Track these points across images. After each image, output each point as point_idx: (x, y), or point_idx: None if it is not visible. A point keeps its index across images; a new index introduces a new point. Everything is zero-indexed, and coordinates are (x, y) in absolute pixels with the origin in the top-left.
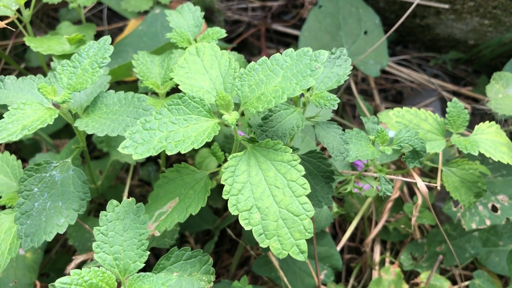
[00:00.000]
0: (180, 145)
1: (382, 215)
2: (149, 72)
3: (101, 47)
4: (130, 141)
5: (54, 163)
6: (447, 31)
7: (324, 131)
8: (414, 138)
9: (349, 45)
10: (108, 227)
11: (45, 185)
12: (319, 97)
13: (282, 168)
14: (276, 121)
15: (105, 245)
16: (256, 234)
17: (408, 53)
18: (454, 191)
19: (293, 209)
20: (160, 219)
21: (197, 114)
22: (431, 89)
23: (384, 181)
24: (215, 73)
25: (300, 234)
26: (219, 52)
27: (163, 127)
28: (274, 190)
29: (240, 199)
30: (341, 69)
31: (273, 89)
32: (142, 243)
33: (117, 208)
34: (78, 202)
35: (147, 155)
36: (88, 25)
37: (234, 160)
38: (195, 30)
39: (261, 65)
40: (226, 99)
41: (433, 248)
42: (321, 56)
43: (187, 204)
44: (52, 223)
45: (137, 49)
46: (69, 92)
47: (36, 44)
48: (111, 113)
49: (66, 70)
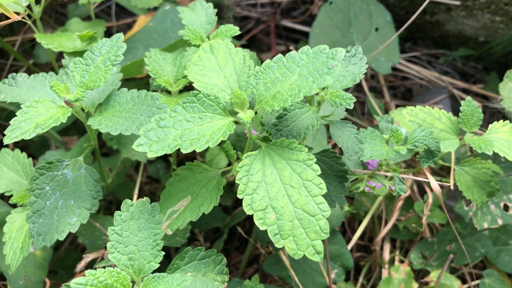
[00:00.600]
0: (195, 143)
1: (392, 214)
2: (162, 70)
3: (114, 44)
4: (144, 139)
5: (66, 162)
6: (458, 28)
7: (339, 130)
8: (428, 137)
9: (360, 42)
10: (123, 227)
11: (57, 183)
12: (335, 96)
13: (298, 167)
14: (291, 120)
15: (120, 245)
16: (271, 234)
17: (418, 50)
18: (466, 191)
19: (308, 209)
20: (172, 217)
21: (212, 112)
22: (441, 86)
23: (398, 181)
24: (230, 71)
25: (316, 234)
26: (234, 49)
27: (177, 125)
28: (289, 189)
29: (255, 198)
30: (356, 67)
31: (289, 87)
32: (157, 243)
33: (132, 208)
34: (90, 201)
35: (162, 153)
36: (97, 22)
37: (248, 159)
38: (207, 27)
39: (276, 62)
40: (241, 97)
41: (443, 247)
42: (338, 54)
43: (199, 202)
44: (64, 221)
45: (147, 46)
46: (82, 90)
47: (47, 41)
48: (125, 112)
49: (79, 67)
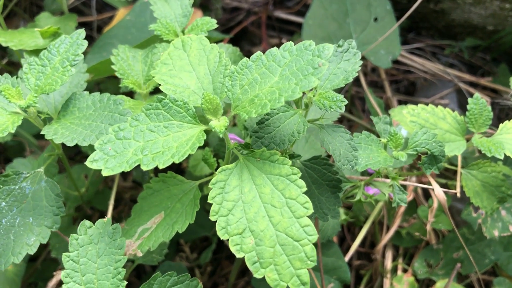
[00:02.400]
0: (158, 158)
1: (394, 220)
2: (130, 69)
3: (73, 42)
4: (100, 153)
5: (24, 174)
6: (464, 17)
7: (330, 136)
8: (431, 141)
9: (358, 33)
10: (80, 253)
11: (13, 198)
12: (324, 97)
13: (280, 183)
14: (273, 126)
15: (76, 274)
16: (249, 262)
17: (421, 41)
18: (475, 197)
19: (292, 233)
20: (143, 236)
21: (179, 120)
22: (447, 79)
23: (398, 190)
24: (203, 71)
25: (301, 262)
26: (208, 46)
27: (139, 136)
28: (270, 210)
29: (230, 220)
30: (350, 64)
31: (269, 91)
32: (119, 271)
33: (90, 230)
34: (51, 218)
35: (119, 170)
36: (69, 16)
37: (223, 173)
38: (183, 20)
39: (255, 61)
40: (214, 102)
41: (449, 254)
42: (325, 51)
43: (173, 219)
44: (21, 242)
45: (124, 42)
46: (35, 95)
47: (6, 38)
48: (84, 118)
49: (34, 69)
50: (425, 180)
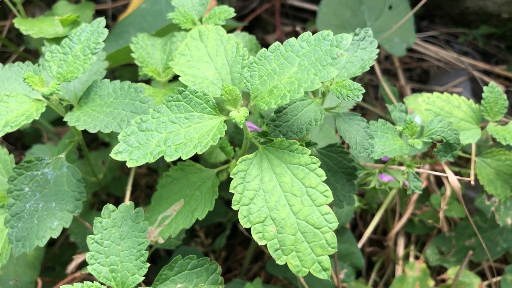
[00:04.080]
0: (181, 149)
1: (407, 207)
2: (149, 57)
3: (94, 30)
4: (124, 145)
5: (46, 160)
6: (479, 4)
7: (346, 124)
8: (447, 129)
9: (372, 21)
10: (104, 235)
11: (36, 184)
12: (341, 86)
13: (300, 172)
14: (291, 115)
15: (100, 256)
16: (271, 249)
17: (435, 29)
18: (488, 185)
19: (313, 221)
20: (164, 223)
21: (200, 112)
22: (460, 68)
23: (413, 178)
24: (221, 61)
25: (322, 249)
26: (225, 36)
27: (161, 128)
28: (291, 198)
29: (252, 209)
30: (366, 52)
31: (288, 81)
32: (142, 253)
33: (114, 214)
34: (73, 203)
35: (144, 161)
36: (86, 4)
37: (244, 163)
38: (200, 8)
39: (273, 52)
40: (233, 93)
41: (462, 242)
42: (343, 41)
43: (193, 207)
44: (45, 226)
45: (140, 30)
46: (58, 83)
47: (26, 27)
48: (105, 106)
49: (56, 57)
50: (438, 168)
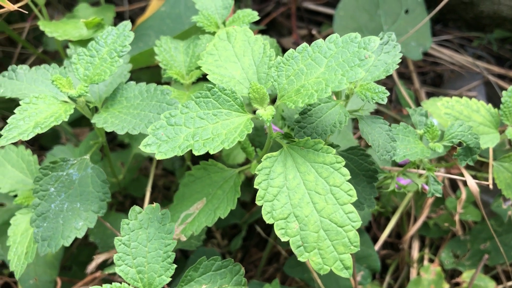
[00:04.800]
0: (208, 143)
1: (422, 210)
2: (173, 60)
3: (120, 33)
4: (153, 138)
5: (71, 161)
6: (493, 8)
7: (369, 127)
8: (467, 133)
9: (389, 25)
10: (131, 237)
11: (62, 184)
12: (366, 89)
13: (324, 171)
14: (315, 116)
15: (128, 257)
16: (294, 246)
17: (449, 33)
18: (506, 189)
19: (336, 219)
20: (186, 221)
21: (227, 109)
22: (474, 71)
23: (433, 181)
24: (248, 61)
25: (344, 247)
26: (253, 37)
27: (189, 123)
28: (314, 196)
29: (275, 205)
30: (389, 56)
31: (315, 81)
32: (168, 254)
33: (140, 216)
34: (97, 203)
35: (172, 154)
36: (107, 7)
37: (268, 161)
38: (223, 12)
39: (301, 52)
40: (261, 91)
41: (476, 246)
42: (371, 43)
43: (215, 205)
44: (70, 226)
45: (159, 33)
46: (86, 85)
47: (51, 29)
48: (132, 108)
49: (83, 59)
50: (453, 171)
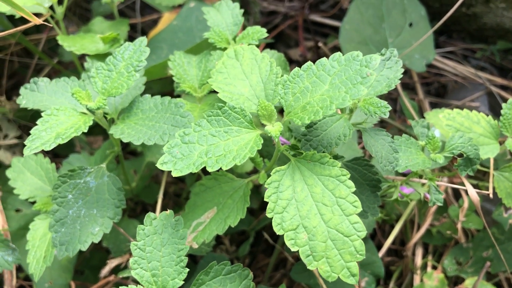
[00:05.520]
0: (221, 160)
1: (425, 218)
2: (186, 74)
3: (136, 49)
4: (169, 156)
5: (88, 169)
6: (496, 20)
7: (372, 139)
8: (467, 144)
9: (393, 38)
10: (146, 242)
11: (79, 192)
12: (369, 103)
13: (330, 183)
14: (321, 130)
15: (143, 261)
16: (303, 255)
17: (453, 44)
18: (507, 198)
19: (343, 229)
20: (197, 229)
21: (238, 126)
22: (478, 82)
23: (434, 190)
24: (256, 79)
25: (351, 256)
26: (259, 55)
27: (202, 140)
28: (321, 208)
29: (285, 217)
30: (392, 71)
31: (320, 98)
32: (181, 259)
33: (155, 222)
34: (113, 210)
35: (187, 171)
36: (121, 21)
37: (277, 174)
38: (234, 28)
39: (306, 71)
40: (269, 108)
41: (479, 253)
42: (372, 61)
43: (225, 214)
44: (86, 231)
45: (171, 46)
46: (104, 98)
47: (69, 43)
48: (147, 119)
49: (101, 73)
50: (455, 180)
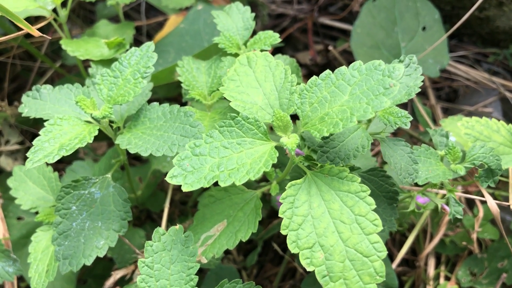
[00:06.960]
0: (234, 174)
1: (439, 228)
2: (195, 80)
3: (143, 54)
4: (178, 169)
5: (93, 179)
6: (509, 24)
7: (391, 150)
8: (489, 155)
9: (406, 42)
10: (154, 259)
11: (83, 203)
12: (388, 113)
13: (349, 200)
14: (338, 141)
15: (151, 279)
16: (319, 275)
17: (464, 48)
18: None
19: (362, 249)
20: (207, 243)
21: (251, 137)
22: (490, 87)
23: (454, 203)
24: (270, 87)
25: (370, 277)
26: (274, 62)
27: (214, 153)
28: (339, 225)
29: (300, 235)
30: (411, 79)
31: (340, 109)
32: (191, 278)
33: (164, 237)
34: (119, 222)
35: (198, 186)
36: (126, 24)
37: (293, 189)
38: (244, 33)
39: (324, 80)
40: (284, 119)
41: (494, 264)
42: (396, 71)
43: (236, 228)
44: (91, 245)
45: (178, 49)
46: (110, 106)
47: (73, 48)
48: (155, 129)
49: (106, 80)
50: (471, 189)
